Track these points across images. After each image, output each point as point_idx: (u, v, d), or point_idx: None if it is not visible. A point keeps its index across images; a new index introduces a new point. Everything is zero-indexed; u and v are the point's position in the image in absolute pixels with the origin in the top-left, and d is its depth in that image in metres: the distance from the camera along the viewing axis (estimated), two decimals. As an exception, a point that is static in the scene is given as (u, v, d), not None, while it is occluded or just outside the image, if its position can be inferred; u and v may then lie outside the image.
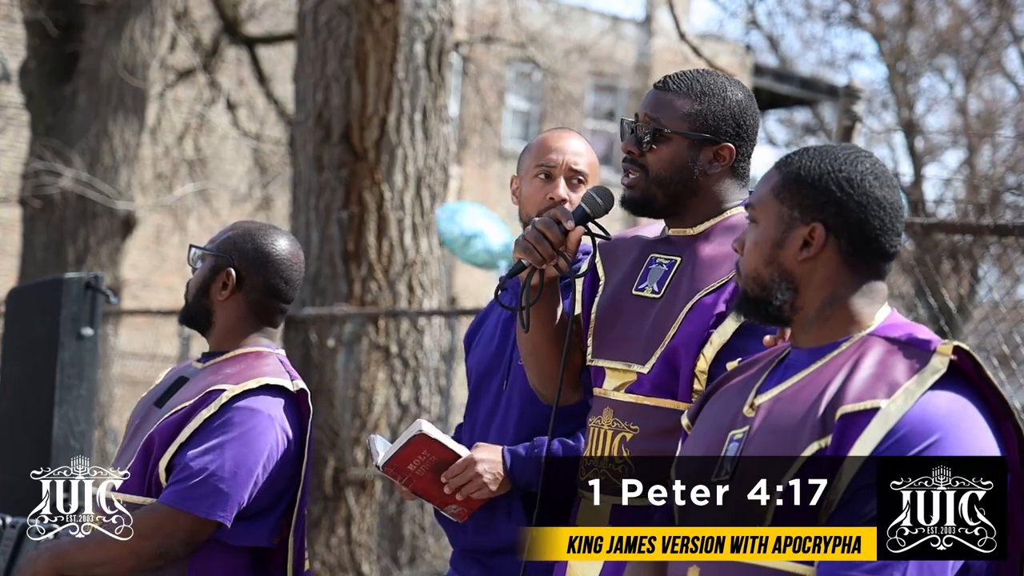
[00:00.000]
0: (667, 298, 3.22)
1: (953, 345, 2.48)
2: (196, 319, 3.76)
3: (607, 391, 3.27)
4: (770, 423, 2.55)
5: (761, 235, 2.63)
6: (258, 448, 3.56)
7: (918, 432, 2.42)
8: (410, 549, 8.85)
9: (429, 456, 3.63)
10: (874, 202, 2.58)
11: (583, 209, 3.30)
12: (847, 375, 2.51)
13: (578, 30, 23.23)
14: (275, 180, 16.72)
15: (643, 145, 3.24)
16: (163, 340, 13.34)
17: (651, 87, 3.32)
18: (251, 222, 3.83)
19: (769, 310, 2.63)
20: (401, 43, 8.73)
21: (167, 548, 3.51)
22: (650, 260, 3.30)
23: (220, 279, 3.70)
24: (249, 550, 3.62)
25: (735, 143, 3.25)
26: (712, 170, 3.25)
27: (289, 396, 3.65)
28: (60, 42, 13.00)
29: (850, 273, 2.60)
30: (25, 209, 13.17)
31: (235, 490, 3.53)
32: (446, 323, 9.24)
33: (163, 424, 3.60)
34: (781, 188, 2.62)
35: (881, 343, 2.55)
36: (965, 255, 7.84)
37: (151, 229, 18.78)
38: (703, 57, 8.67)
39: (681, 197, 3.26)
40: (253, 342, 3.73)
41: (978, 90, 21.88)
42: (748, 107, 3.27)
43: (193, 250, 3.76)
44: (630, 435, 3.20)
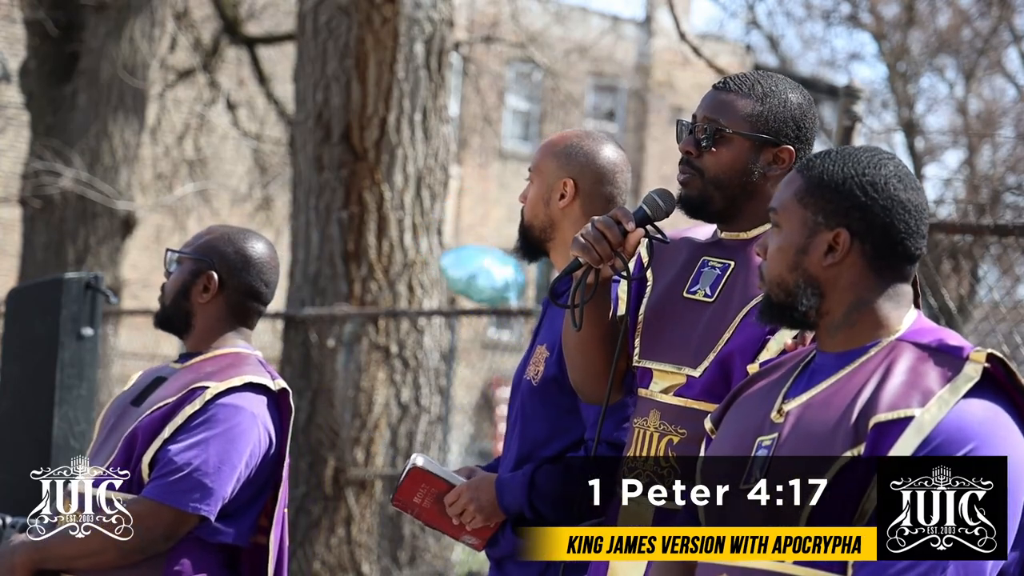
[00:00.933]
0: (721, 302, 3.18)
1: (987, 353, 2.47)
2: (173, 322, 3.78)
3: (654, 393, 3.23)
4: (801, 430, 2.53)
5: (785, 241, 2.60)
6: (241, 445, 3.57)
7: (954, 441, 2.40)
8: (410, 549, 8.85)
9: (430, 488, 3.64)
10: (899, 205, 2.56)
11: (644, 211, 3.24)
12: (879, 382, 2.49)
13: (578, 30, 23.23)
14: (275, 180, 16.72)
15: (702, 146, 3.20)
16: (163, 340, 13.33)
17: (712, 87, 3.27)
18: (227, 226, 3.86)
19: (795, 316, 2.60)
20: (401, 43, 8.73)
21: (148, 542, 3.52)
22: (702, 263, 3.25)
23: (201, 282, 3.73)
24: (223, 549, 3.62)
25: (795, 146, 3.20)
26: (771, 173, 3.20)
27: (271, 395, 3.66)
28: (60, 42, 13.00)
29: (875, 277, 2.58)
30: (25, 209, 13.16)
31: (219, 485, 3.54)
32: (446, 323, 9.24)
33: (145, 420, 3.61)
34: (804, 193, 2.59)
35: (912, 349, 2.53)
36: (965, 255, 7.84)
37: (151, 229, 18.77)
38: (703, 57, 8.68)
39: (738, 200, 3.21)
40: (231, 343, 3.76)
41: (978, 90, 21.87)
42: (808, 110, 3.23)
43: (169, 253, 3.78)
44: (677, 439, 3.16)
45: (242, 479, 3.59)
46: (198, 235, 3.82)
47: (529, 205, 3.72)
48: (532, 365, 3.67)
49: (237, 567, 3.67)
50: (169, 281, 3.77)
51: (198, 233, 3.84)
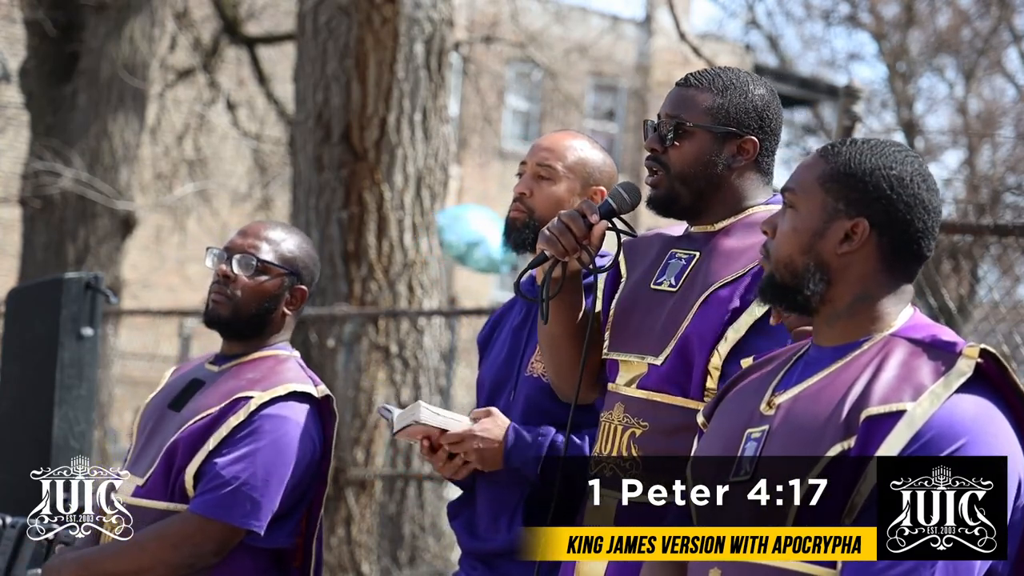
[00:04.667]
0: (683, 291, 3.20)
1: (980, 348, 2.46)
2: (248, 327, 3.71)
3: (619, 386, 3.25)
4: (791, 423, 2.52)
5: (800, 222, 2.58)
6: (288, 456, 3.56)
7: (944, 436, 2.40)
8: (410, 549, 8.85)
9: (431, 433, 3.63)
10: (920, 204, 2.55)
11: (609, 204, 3.27)
12: (871, 376, 2.48)
13: (578, 30, 23.22)
14: (275, 180, 16.71)
15: (665, 142, 3.22)
16: (163, 340, 13.35)
17: (673, 85, 3.30)
18: (300, 233, 3.82)
19: (797, 299, 2.59)
20: (401, 43, 8.73)
21: (197, 557, 3.51)
22: (670, 255, 3.28)
23: (292, 295, 3.72)
24: (269, 551, 3.62)
25: (758, 136, 3.23)
26: (736, 164, 3.22)
27: (314, 402, 3.65)
28: (60, 42, 12.99)
29: (886, 272, 2.57)
30: (25, 209, 13.16)
31: (267, 498, 3.52)
32: (446, 323, 9.24)
33: (187, 430, 3.58)
34: (828, 178, 2.58)
35: (905, 344, 2.52)
36: (965, 255, 7.85)
37: (151, 229, 18.77)
38: (703, 57, 8.67)
39: (705, 194, 3.23)
40: (270, 344, 3.74)
41: (978, 90, 21.87)
42: (771, 102, 3.25)
43: (251, 258, 3.69)
44: (639, 431, 3.18)
45: (288, 489, 3.57)
46: (279, 239, 3.73)
47: (549, 202, 3.74)
48: (539, 362, 3.67)
49: (283, 566, 3.67)
50: (250, 286, 3.69)
51: (278, 235, 3.74)
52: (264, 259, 3.68)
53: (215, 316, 3.70)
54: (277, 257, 3.70)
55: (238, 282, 3.68)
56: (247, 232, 3.74)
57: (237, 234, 3.76)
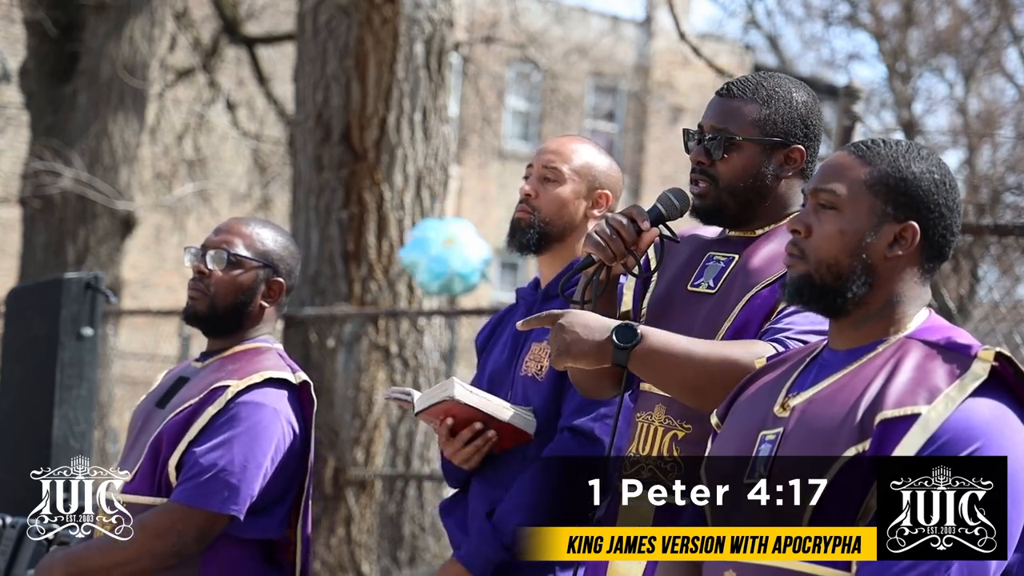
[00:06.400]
0: (722, 293, 3.18)
1: (995, 351, 2.46)
2: (226, 321, 3.77)
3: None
4: (806, 425, 2.52)
5: (848, 225, 2.57)
6: (265, 441, 3.60)
7: (960, 440, 2.39)
8: (410, 549, 8.84)
9: (456, 414, 3.63)
10: (957, 208, 2.58)
11: (658, 209, 3.25)
12: (886, 379, 2.48)
13: (578, 30, 23.22)
14: (275, 180, 16.72)
15: (712, 155, 3.20)
16: (163, 340, 13.33)
17: (715, 94, 3.27)
18: (277, 227, 3.85)
19: (836, 300, 2.58)
20: (401, 43, 8.73)
21: (181, 546, 3.55)
22: (707, 258, 3.26)
23: (269, 288, 3.77)
24: (258, 542, 3.65)
25: (804, 144, 3.21)
26: (783, 174, 3.21)
27: (292, 388, 3.69)
28: (60, 42, 12.99)
29: (920, 275, 2.58)
30: (25, 209, 13.16)
31: (245, 484, 3.56)
32: (446, 323, 9.24)
33: (169, 423, 3.63)
34: (876, 181, 2.58)
35: (920, 347, 2.52)
36: (965, 255, 7.84)
37: (151, 229, 18.77)
38: (703, 57, 8.67)
39: (752, 203, 3.21)
40: (253, 337, 3.78)
41: (978, 90, 21.85)
42: (813, 107, 3.24)
43: (224, 253, 3.75)
44: (682, 434, 3.15)
45: (268, 475, 3.61)
46: (251, 232, 3.78)
47: (554, 203, 3.74)
48: (532, 361, 3.68)
49: (276, 559, 3.69)
50: (226, 279, 3.75)
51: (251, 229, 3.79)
52: (237, 253, 3.74)
53: (192, 312, 3.78)
54: (251, 251, 3.76)
55: (212, 277, 3.74)
56: (221, 229, 3.81)
57: (213, 231, 3.82)
